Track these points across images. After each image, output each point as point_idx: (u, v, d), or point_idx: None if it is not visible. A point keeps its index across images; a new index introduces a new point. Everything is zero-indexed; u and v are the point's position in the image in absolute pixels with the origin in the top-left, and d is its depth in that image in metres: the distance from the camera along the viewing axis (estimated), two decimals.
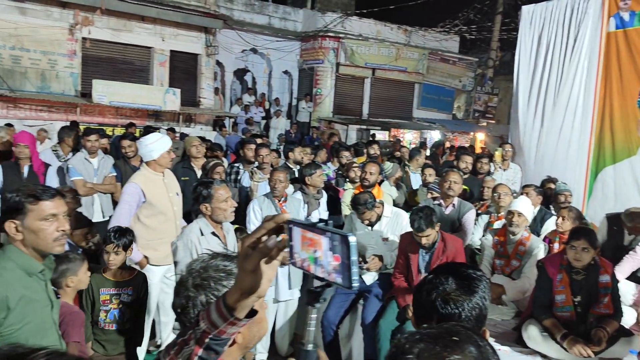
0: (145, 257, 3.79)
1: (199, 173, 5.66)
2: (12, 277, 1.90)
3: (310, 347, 1.06)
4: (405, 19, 16.72)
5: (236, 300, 0.97)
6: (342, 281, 0.93)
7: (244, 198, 5.19)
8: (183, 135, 10.07)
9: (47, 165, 5.41)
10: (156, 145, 3.77)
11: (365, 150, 6.76)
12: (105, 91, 11.33)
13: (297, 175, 5.81)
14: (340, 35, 15.62)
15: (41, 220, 1.95)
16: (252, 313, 1.01)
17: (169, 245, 3.21)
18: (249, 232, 4.22)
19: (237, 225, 3.97)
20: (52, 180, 5.28)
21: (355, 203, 3.93)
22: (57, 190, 2.07)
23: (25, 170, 5.07)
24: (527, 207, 4.09)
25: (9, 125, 9.45)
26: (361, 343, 3.87)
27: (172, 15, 12.33)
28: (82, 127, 8.94)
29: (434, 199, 4.71)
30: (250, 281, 0.94)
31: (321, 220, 1.00)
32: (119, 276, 3.08)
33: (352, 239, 0.90)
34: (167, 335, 4.12)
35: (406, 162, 6.51)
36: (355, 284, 0.93)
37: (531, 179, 6.22)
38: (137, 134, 8.07)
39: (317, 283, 1.03)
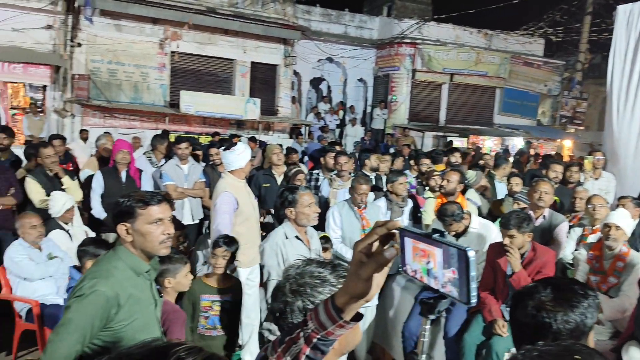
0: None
1: (279, 179, 5.83)
2: (122, 276, 2.06)
3: (423, 357, 1.06)
4: (485, 22, 16.22)
5: (345, 303, 1.00)
6: (458, 295, 0.93)
7: (323, 204, 5.27)
8: (262, 144, 10.40)
9: (140, 171, 5.81)
10: (244, 154, 3.93)
11: (445, 158, 6.61)
12: (192, 101, 11.99)
13: (374, 182, 5.81)
14: (417, 41, 15.44)
15: (149, 224, 2.09)
16: (358, 317, 1.04)
17: (254, 248, 3.33)
18: (330, 238, 4.29)
19: (324, 234, 4.04)
20: (147, 185, 5.66)
21: (442, 214, 3.85)
22: (163, 196, 2.22)
23: (123, 175, 5.47)
24: (625, 219, 3.81)
25: (107, 133, 10.27)
26: (443, 356, 3.78)
27: (254, 28, 12.82)
28: (171, 136, 9.52)
29: (522, 209, 4.51)
30: (362, 287, 0.96)
31: (435, 230, 1.00)
32: (221, 283, 3.20)
33: (471, 254, 0.89)
34: (249, 336, 4.25)
35: (491, 171, 6.28)
36: (474, 300, 0.92)
37: (628, 189, 5.78)
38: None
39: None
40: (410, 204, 4.90)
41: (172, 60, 12.42)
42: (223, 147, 4.05)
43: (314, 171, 5.82)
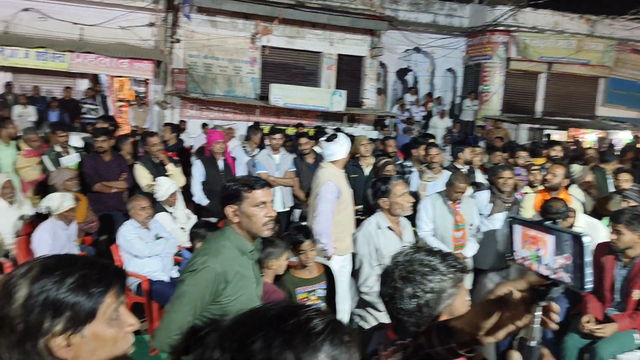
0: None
1: (366, 171, 5.84)
2: (229, 255, 2.19)
3: (534, 343, 1.04)
4: (587, 7, 14.98)
5: (460, 329, 0.98)
6: (572, 281, 0.92)
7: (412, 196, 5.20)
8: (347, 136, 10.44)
9: (234, 159, 6.09)
10: (346, 145, 3.99)
11: (545, 152, 6.24)
12: (281, 94, 12.33)
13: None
14: (512, 28, 14.64)
15: (254, 207, 2.20)
16: (472, 351, 1.01)
17: (350, 236, 3.37)
18: (419, 230, 4.23)
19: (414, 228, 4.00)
20: (241, 173, 5.93)
21: (546, 211, 3.66)
22: (266, 181, 2.33)
23: (220, 164, 5.76)
24: None
25: (204, 125, 10.88)
26: None
27: (341, 20, 12.87)
28: (263, 127, 9.87)
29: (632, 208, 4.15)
30: (481, 324, 0.93)
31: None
32: (314, 272, 3.22)
33: (586, 239, 0.88)
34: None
35: (599, 166, 5.83)
36: (589, 286, 0.91)
37: None
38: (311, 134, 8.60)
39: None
40: (518, 199, 4.71)
41: (262, 54, 12.82)
42: (324, 138, 4.09)
43: (405, 162, 5.76)
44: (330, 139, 4.00)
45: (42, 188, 5.44)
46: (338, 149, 3.95)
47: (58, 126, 6.09)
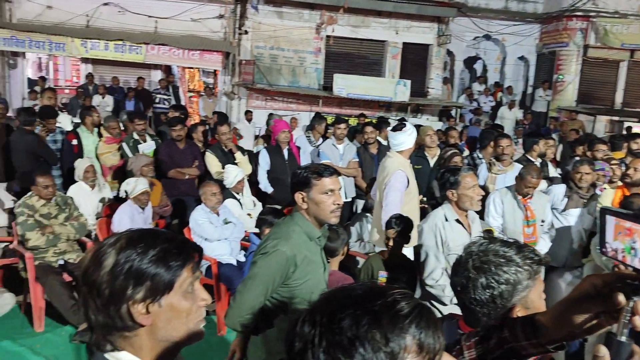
0: None
1: (431, 162, 5.73)
2: (299, 239, 2.25)
3: (624, 338, 1.00)
4: None
5: (546, 324, 0.97)
6: None
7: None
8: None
9: (298, 149, 6.18)
10: (413, 134, 3.94)
11: (625, 145, 5.85)
12: (344, 84, 12.32)
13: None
14: (591, 13, 13.73)
15: (322, 194, 2.25)
16: (561, 347, 0.99)
17: (415, 227, 3.35)
18: (488, 226, 4.11)
19: (488, 227, 3.90)
20: (305, 162, 6.02)
21: (627, 209, 3.44)
22: (334, 170, 2.36)
23: (285, 153, 5.87)
24: None
25: (271, 115, 11.09)
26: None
27: (407, 7, 12.63)
28: (327, 117, 9.92)
29: None
30: (572, 322, 0.91)
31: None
32: (394, 260, 3.29)
33: None
34: None
35: None
36: None
37: None
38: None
39: None
40: (598, 194, 4.46)
41: (327, 44, 12.85)
42: (391, 128, 4.06)
43: (474, 154, 5.60)
44: (398, 128, 3.95)
45: (121, 173, 5.79)
46: (405, 139, 3.90)
47: (136, 115, 6.44)
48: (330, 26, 12.67)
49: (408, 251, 3.96)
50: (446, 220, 3.18)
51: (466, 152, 6.45)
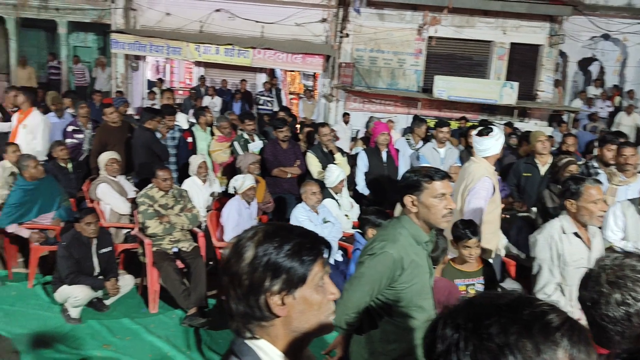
0: None
1: (542, 170, 5.39)
2: (406, 243, 2.23)
3: None
4: None
5: None
6: None
7: None
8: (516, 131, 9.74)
9: (397, 151, 6.12)
10: (500, 140, 3.73)
11: None
12: (445, 86, 12.00)
13: None
14: None
15: (433, 198, 2.21)
16: None
17: (497, 238, 3.18)
18: (607, 240, 3.78)
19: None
20: (404, 165, 5.94)
21: None
22: (446, 173, 2.31)
23: (384, 155, 5.85)
24: None
25: (371, 117, 11.11)
26: None
27: (517, 6, 11.99)
28: (428, 120, 9.73)
29: None
30: None
31: None
32: (474, 266, 3.19)
33: None
34: None
35: None
36: None
37: None
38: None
39: None
40: None
41: (428, 45, 12.60)
42: (476, 132, 3.85)
43: (590, 163, 5.19)
44: (484, 133, 3.71)
45: (230, 170, 6.14)
46: (492, 144, 3.68)
47: (246, 115, 6.80)
48: (432, 27, 12.41)
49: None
50: (563, 232, 2.97)
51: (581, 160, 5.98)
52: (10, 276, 5.18)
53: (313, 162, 5.77)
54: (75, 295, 4.22)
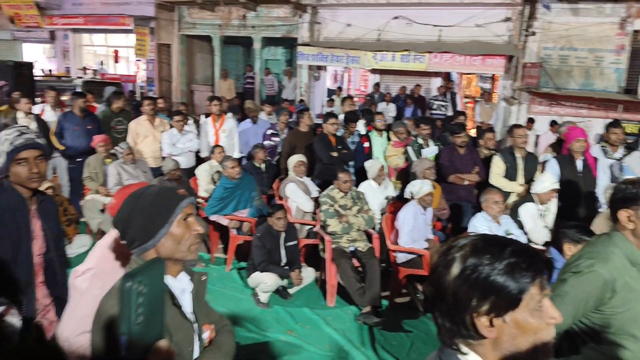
0: None
1: None
2: (618, 263, 1.99)
3: None
4: None
5: None
6: None
7: None
8: None
9: (596, 160, 5.45)
10: None
11: None
12: None
13: None
14: None
15: None
16: None
17: None
18: None
19: None
20: (603, 176, 5.29)
21: None
22: None
23: (579, 163, 5.27)
24: None
25: (553, 122, 10.18)
26: None
27: None
28: (626, 126, 8.52)
29: None
30: None
31: None
32: None
33: None
34: None
35: None
36: None
37: None
38: None
39: None
40: None
41: (633, 40, 10.98)
42: None
43: None
44: None
45: (404, 174, 6.18)
46: None
47: (422, 120, 6.77)
48: (638, 19, 10.78)
49: None
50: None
51: None
52: (213, 259, 5.99)
53: (497, 164, 5.46)
54: (265, 281, 4.68)
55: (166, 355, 0.42)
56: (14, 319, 1.18)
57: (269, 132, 7.29)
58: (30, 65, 11.10)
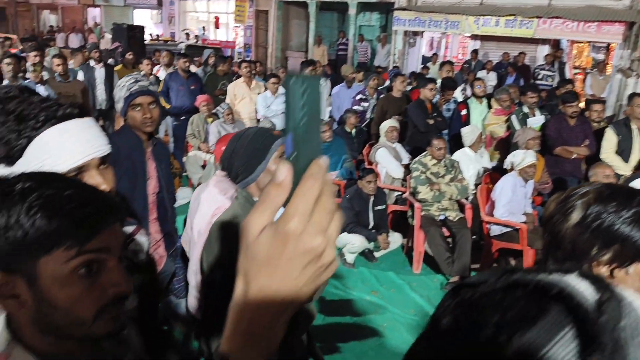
0: None
1: None
2: None
3: None
4: None
5: None
6: None
7: None
8: None
9: None
10: None
11: None
12: None
13: None
14: None
15: None
16: None
17: None
18: None
19: None
20: None
21: None
22: None
23: None
24: None
25: None
26: None
27: None
28: None
29: None
30: None
31: None
32: None
33: None
34: None
35: None
36: None
37: None
38: None
39: None
40: None
41: None
42: None
43: None
44: None
45: (504, 144, 5.87)
46: None
47: (529, 88, 6.35)
48: None
49: None
50: None
51: None
52: None
53: (609, 139, 5.00)
54: (352, 242, 4.74)
55: (325, 172, 0.43)
56: (143, 238, 1.31)
57: (358, 97, 7.24)
58: (141, 29, 11.88)
